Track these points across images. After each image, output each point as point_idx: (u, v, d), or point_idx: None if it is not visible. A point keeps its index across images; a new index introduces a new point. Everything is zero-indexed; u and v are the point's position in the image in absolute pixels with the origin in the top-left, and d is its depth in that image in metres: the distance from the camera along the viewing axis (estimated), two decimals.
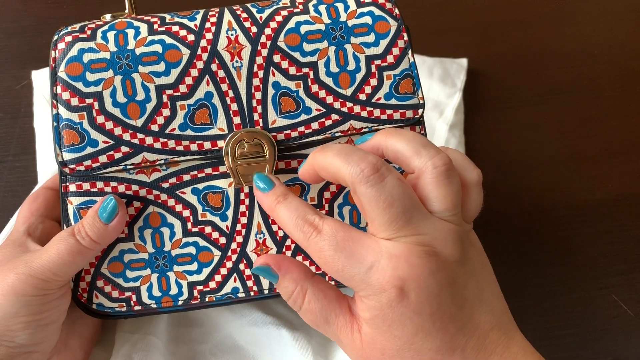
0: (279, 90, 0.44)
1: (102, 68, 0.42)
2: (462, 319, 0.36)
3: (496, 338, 0.37)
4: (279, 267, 0.40)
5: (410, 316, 0.35)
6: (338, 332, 0.38)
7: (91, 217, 0.41)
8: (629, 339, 0.56)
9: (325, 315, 0.38)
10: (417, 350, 0.36)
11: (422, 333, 0.36)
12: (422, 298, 0.35)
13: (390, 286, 0.35)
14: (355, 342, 0.38)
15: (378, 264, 0.35)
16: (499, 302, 0.38)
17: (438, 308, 0.35)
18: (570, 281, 0.58)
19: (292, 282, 0.39)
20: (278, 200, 0.40)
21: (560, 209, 0.62)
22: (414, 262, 0.35)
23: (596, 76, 0.70)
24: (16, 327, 0.40)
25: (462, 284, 0.37)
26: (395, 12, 0.45)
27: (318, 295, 0.39)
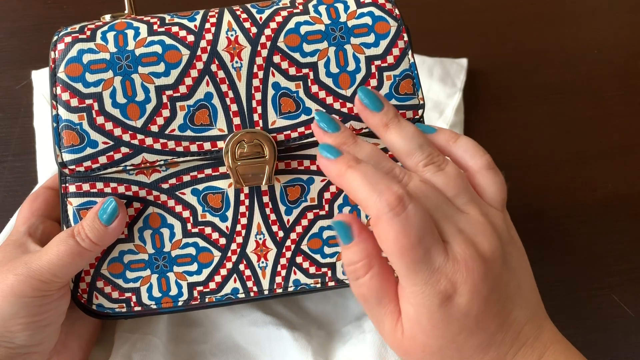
0: (278, 91, 0.43)
1: (102, 69, 0.42)
2: (502, 316, 0.37)
3: (529, 330, 0.37)
4: (360, 231, 0.38)
5: (457, 317, 0.35)
6: (384, 317, 0.38)
7: (91, 219, 0.41)
8: (629, 339, 0.56)
9: (380, 297, 0.37)
10: (457, 348, 0.36)
11: (466, 332, 0.36)
12: (473, 301, 0.35)
13: (446, 289, 0.35)
14: (397, 332, 0.37)
15: (443, 266, 0.35)
16: (533, 295, 0.39)
17: (484, 309, 0.36)
18: (570, 281, 0.58)
19: (364, 252, 0.37)
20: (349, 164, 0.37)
21: (560, 209, 0.62)
22: (471, 266, 0.35)
23: (596, 76, 0.70)
24: (15, 328, 0.40)
25: (505, 282, 0.37)
26: (395, 12, 0.45)
27: (381, 276, 0.37)
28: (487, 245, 0.36)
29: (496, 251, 0.37)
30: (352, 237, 0.37)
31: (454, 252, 0.36)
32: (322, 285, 0.45)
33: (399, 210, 0.34)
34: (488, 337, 0.36)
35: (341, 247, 0.38)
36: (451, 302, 0.35)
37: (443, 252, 0.35)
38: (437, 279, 0.35)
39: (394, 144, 0.40)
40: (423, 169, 0.39)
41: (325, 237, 0.45)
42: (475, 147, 0.41)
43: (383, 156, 0.39)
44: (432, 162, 0.39)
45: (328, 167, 0.38)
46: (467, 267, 0.35)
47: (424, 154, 0.39)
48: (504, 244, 0.38)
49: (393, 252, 0.35)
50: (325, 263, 0.45)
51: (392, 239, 0.35)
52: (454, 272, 0.35)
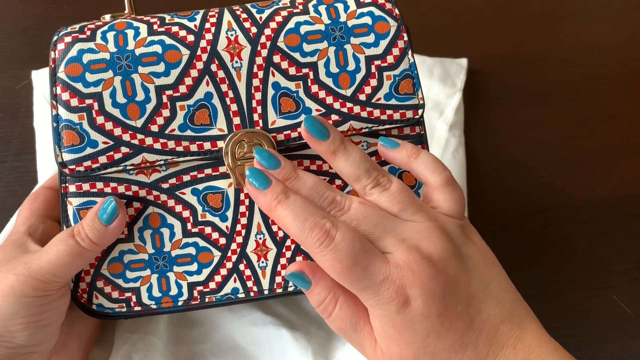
0: (278, 91, 0.43)
1: (102, 69, 0.42)
2: (470, 316, 0.37)
3: (507, 330, 0.38)
4: (313, 274, 0.40)
5: (419, 320, 0.36)
6: (363, 340, 0.39)
7: (91, 219, 0.41)
8: (629, 339, 0.56)
9: (354, 323, 0.39)
10: (431, 352, 0.37)
11: (433, 334, 0.36)
12: (428, 302, 0.36)
13: (397, 295, 0.36)
14: (377, 352, 0.39)
15: (387, 274, 0.36)
16: (507, 294, 0.39)
17: (445, 309, 0.36)
18: (570, 281, 0.58)
19: (326, 289, 0.40)
20: (278, 199, 0.39)
21: (560, 209, 0.62)
22: (416, 269, 0.36)
23: (596, 76, 0.70)
24: (15, 328, 0.40)
25: (466, 282, 0.38)
26: (395, 12, 0.45)
27: (349, 303, 0.39)
28: (432, 247, 0.38)
29: (445, 252, 0.38)
30: (308, 281, 0.40)
31: (396, 260, 0.37)
32: None
33: (327, 242, 0.37)
34: (459, 337, 0.37)
35: (306, 293, 0.40)
36: (408, 306, 0.36)
37: (384, 263, 0.37)
38: (386, 288, 0.36)
39: (342, 170, 0.42)
40: (370, 191, 0.41)
41: None
42: (435, 164, 0.42)
43: (325, 187, 0.40)
44: (377, 184, 0.41)
45: (257, 198, 0.40)
46: (412, 271, 0.36)
47: (370, 178, 0.41)
48: (458, 245, 0.39)
49: (336, 278, 0.37)
50: None
51: (329, 268, 0.37)
52: (400, 278, 0.36)
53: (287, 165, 0.41)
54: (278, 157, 0.41)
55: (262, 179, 0.39)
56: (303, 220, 0.37)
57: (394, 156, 0.43)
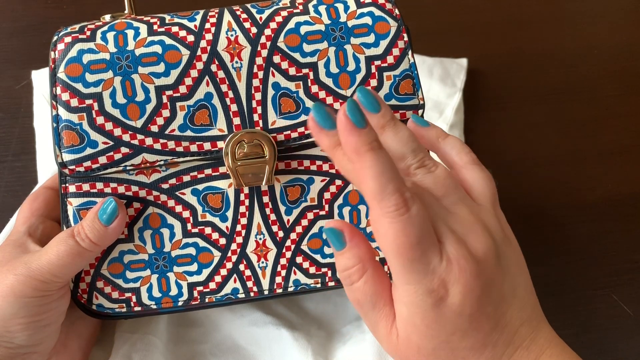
0: (278, 91, 0.43)
1: (102, 69, 0.42)
2: (496, 317, 0.37)
3: (525, 332, 0.37)
4: (352, 236, 0.38)
5: (450, 317, 0.36)
6: (379, 320, 0.38)
7: (91, 219, 0.41)
8: (629, 339, 0.56)
9: (374, 301, 0.38)
10: (452, 348, 0.36)
11: (459, 333, 0.36)
12: (466, 301, 0.35)
13: (439, 289, 0.35)
14: (392, 335, 0.38)
15: (437, 267, 0.35)
16: (530, 298, 0.39)
17: (478, 309, 0.36)
18: (570, 281, 0.58)
19: (356, 257, 0.38)
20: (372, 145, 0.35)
21: (560, 209, 0.62)
22: (462, 265, 0.35)
23: (596, 76, 0.70)
24: (15, 328, 0.40)
25: (499, 283, 0.37)
26: (395, 12, 0.45)
27: (375, 279, 0.38)
28: (478, 244, 0.37)
29: (489, 250, 0.37)
30: (344, 242, 0.38)
31: (447, 253, 0.36)
32: (322, 285, 0.45)
33: (403, 210, 0.34)
34: (482, 337, 0.36)
35: (334, 253, 0.39)
36: (444, 302, 0.35)
37: (438, 253, 0.35)
38: (430, 279, 0.35)
39: (389, 146, 0.40)
40: (415, 171, 0.39)
41: (325, 237, 0.45)
42: (461, 145, 0.42)
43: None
44: (422, 165, 0.39)
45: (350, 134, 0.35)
46: (460, 267, 0.35)
47: (416, 157, 0.40)
48: (498, 244, 0.38)
49: (391, 249, 0.35)
50: (325, 263, 0.45)
51: (392, 237, 0.35)
52: (447, 273, 0.35)
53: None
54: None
55: (360, 117, 0.35)
56: (388, 179, 0.35)
57: (423, 134, 0.42)
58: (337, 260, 0.39)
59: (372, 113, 0.40)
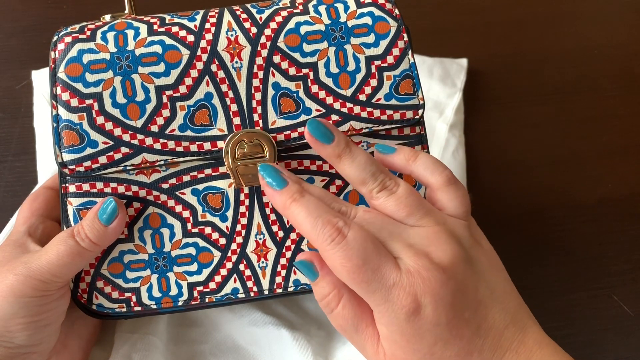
0: (278, 91, 0.43)
1: (102, 69, 0.42)
2: (477, 322, 0.37)
3: (511, 335, 0.37)
4: (322, 266, 0.39)
5: (428, 328, 0.36)
6: (365, 342, 0.39)
7: (91, 219, 0.41)
8: (629, 339, 0.56)
9: (356, 324, 0.38)
10: (437, 359, 0.37)
11: (441, 342, 0.36)
12: (439, 310, 0.36)
13: (408, 303, 0.36)
14: (379, 355, 0.38)
15: (397, 280, 0.36)
16: (512, 299, 0.39)
17: (454, 316, 0.36)
18: (570, 281, 0.58)
19: (331, 284, 0.39)
20: (294, 197, 0.39)
21: (560, 209, 0.62)
22: (425, 275, 0.36)
23: (596, 76, 0.70)
24: (15, 328, 0.40)
25: (474, 287, 0.37)
26: (395, 12, 0.45)
27: (352, 303, 0.39)
28: (441, 253, 0.37)
29: (455, 257, 0.37)
30: (316, 272, 0.39)
31: (406, 266, 0.36)
32: None
33: (339, 239, 0.36)
34: (466, 344, 0.37)
35: (311, 284, 0.40)
36: (418, 314, 0.36)
37: (395, 268, 0.36)
38: (396, 294, 0.36)
39: (348, 173, 0.41)
40: (377, 195, 0.40)
41: None
42: (434, 164, 0.42)
43: (331, 198, 0.40)
44: (384, 187, 0.40)
45: (273, 198, 0.40)
46: (422, 278, 0.36)
47: (376, 181, 0.40)
48: (467, 249, 0.38)
49: (344, 278, 0.37)
50: None
51: (338, 266, 0.36)
52: (411, 285, 0.36)
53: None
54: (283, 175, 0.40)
55: (279, 180, 0.39)
56: (316, 217, 0.37)
57: (392, 161, 0.43)
58: (314, 291, 0.40)
59: (325, 144, 0.41)
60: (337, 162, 0.41)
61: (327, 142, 0.41)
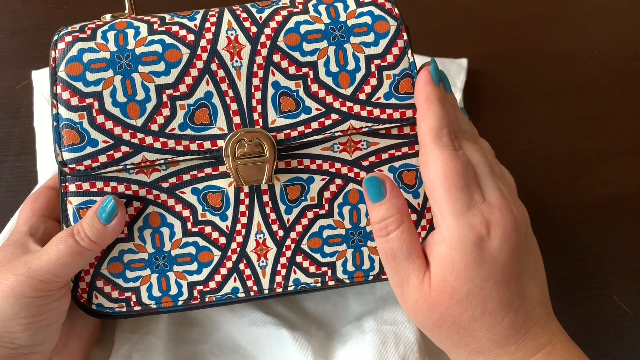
0: (278, 90, 0.44)
1: (102, 68, 0.42)
2: (521, 283, 0.39)
3: (540, 312, 0.40)
4: (392, 188, 0.41)
5: (487, 259, 0.38)
6: (411, 271, 0.40)
7: (90, 218, 0.41)
8: (629, 339, 0.56)
9: (408, 251, 0.40)
10: (484, 296, 0.38)
11: (492, 280, 0.38)
12: (503, 247, 0.38)
13: (481, 225, 0.38)
14: (424, 285, 0.39)
15: (480, 204, 0.38)
16: (545, 287, 0.42)
17: (510, 262, 0.38)
18: (570, 281, 0.58)
19: (395, 208, 0.41)
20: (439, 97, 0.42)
21: (561, 209, 0.62)
22: (505, 213, 0.39)
23: (596, 76, 0.70)
24: (16, 329, 0.40)
25: (526, 255, 0.40)
26: (395, 11, 0.45)
27: (411, 231, 0.41)
28: (517, 208, 0.40)
29: (523, 220, 0.40)
30: (384, 193, 0.41)
31: (490, 199, 0.39)
32: (322, 284, 0.45)
33: (452, 147, 0.40)
34: (509, 295, 0.38)
35: (369, 206, 0.42)
36: (484, 243, 0.38)
37: (481, 194, 0.39)
38: (473, 213, 0.38)
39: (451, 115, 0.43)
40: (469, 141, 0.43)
41: (325, 236, 0.45)
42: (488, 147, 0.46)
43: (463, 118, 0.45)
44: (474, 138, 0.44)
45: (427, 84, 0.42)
46: (502, 213, 0.38)
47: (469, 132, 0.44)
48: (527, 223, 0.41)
49: (438, 176, 0.39)
50: (325, 262, 0.45)
51: (440, 164, 0.39)
52: (490, 213, 0.38)
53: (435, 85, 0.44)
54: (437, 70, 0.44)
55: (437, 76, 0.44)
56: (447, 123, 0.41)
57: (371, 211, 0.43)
58: (373, 212, 0.41)
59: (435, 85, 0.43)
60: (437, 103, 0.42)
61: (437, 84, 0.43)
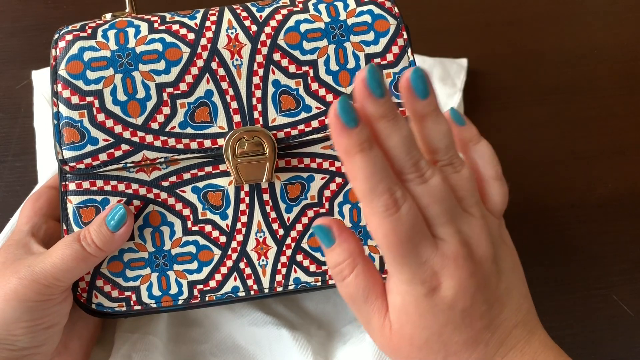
0: (279, 89, 0.44)
1: (103, 66, 0.42)
2: (490, 317, 0.37)
3: (519, 334, 0.38)
4: (340, 232, 0.38)
5: (442, 309, 0.36)
6: (372, 314, 0.38)
7: (98, 224, 0.41)
8: (629, 339, 0.56)
9: (366, 294, 0.38)
10: (444, 341, 0.37)
11: (451, 326, 0.36)
12: (459, 295, 0.36)
13: (432, 279, 0.36)
14: (385, 328, 0.38)
15: (431, 259, 0.36)
16: (525, 301, 0.40)
17: (470, 305, 0.36)
18: (570, 281, 0.58)
19: (347, 252, 0.38)
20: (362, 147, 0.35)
21: (560, 209, 0.62)
22: (461, 264, 0.36)
23: (596, 76, 0.70)
24: (18, 332, 0.40)
25: (495, 284, 0.38)
26: (395, 10, 0.45)
27: (366, 273, 0.38)
28: (479, 246, 0.37)
29: (487, 253, 0.37)
30: (333, 238, 0.38)
31: (444, 249, 0.36)
32: (322, 283, 0.45)
33: (393, 211, 0.35)
34: (474, 334, 0.37)
35: (324, 251, 0.39)
36: (437, 293, 0.36)
37: (432, 247, 0.36)
38: (424, 270, 0.36)
39: (425, 134, 0.39)
40: (443, 167, 0.39)
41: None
42: (491, 156, 0.41)
43: (414, 145, 0.37)
44: (451, 163, 0.39)
45: (340, 136, 0.35)
46: (457, 264, 0.36)
47: (447, 154, 0.39)
48: (495, 248, 0.39)
49: (382, 245, 0.36)
50: (325, 261, 0.45)
51: (382, 235, 0.35)
52: (442, 266, 0.36)
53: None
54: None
55: (352, 116, 0.34)
56: (378, 180, 0.35)
57: (458, 132, 0.41)
58: (327, 257, 0.39)
59: (419, 98, 0.38)
60: (419, 120, 0.38)
61: (421, 98, 0.38)
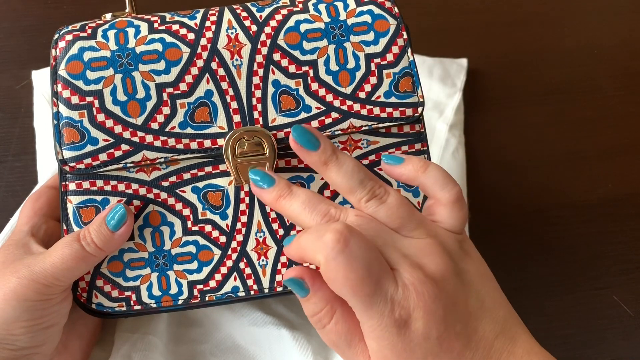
0: (278, 89, 0.44)
1: (103, 66, 0.42)
2: (467, 335, 0.36)
3: (501, 345, 0.37)
4: (313, 281, 0.38)
5: (418, 342, 0.35)
6: (357, 357, 0.38)
7: (98, 224, 0.41)
8: (629, 339, 0.56)
9: (349, 339, 0.37)
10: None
11: (431, 356, 0.36)
12: (430, 324, 0.35)
13: (400, 316, 0.35)
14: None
15: (394, 294, 0.35)
16: (501, 309, 0.39)
17: (445, 329, 0.36)
18: (570, 281, 0.58)
19: (323, 300, 0.38)
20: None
21: (560, 209, 0.62)
22: (420, 289, 0.35)
23: (596, 76, 0.70)
24: (18, 332, 0.40)
25: (464, 300, 0.37)
26: (395, 10, 0.45)
27: (345, 318, 0.38)
28: (434, 265, 0.36)
29: (446, 270, 0.36)
30: (306, 289, 0.38)
31: (402, 279, 0.35)
32: None
33: (342, 246, 0.34)
34: (456, 356, 0.36)
35: (300, 301, 0.39)
36: (408, 328, 0.35)
37: (392, 280, 0.35)
38: (390, 309, 0.35)
39: (335, 181, 0.40)
40: (366, 204, 0.39)
41: None
42: (445, 179, 0.40)
43: (318, 199, 0.38)
44: (373, 196, 0.39)
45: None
46: (417, 291, 0.35)
47: (365, 189, 0.39)
48: (456, 261, 0.38)
49: (346, 291, 0.35)
50: None
51: (341, 277, 0.34)
52: (405, 299, 0.35)
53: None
54: (272, 175, 0.40)
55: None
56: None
57: (401, 172, 0.41)
58: (304, 308, 0.38)
59: (310, 151, 0.40)
60: (323, 169, 0.40)
61: (312, 149, 0.40)
